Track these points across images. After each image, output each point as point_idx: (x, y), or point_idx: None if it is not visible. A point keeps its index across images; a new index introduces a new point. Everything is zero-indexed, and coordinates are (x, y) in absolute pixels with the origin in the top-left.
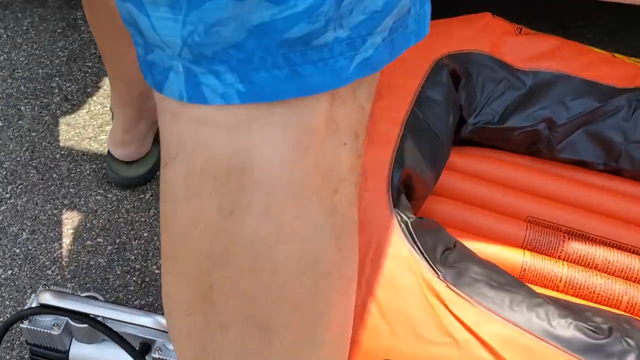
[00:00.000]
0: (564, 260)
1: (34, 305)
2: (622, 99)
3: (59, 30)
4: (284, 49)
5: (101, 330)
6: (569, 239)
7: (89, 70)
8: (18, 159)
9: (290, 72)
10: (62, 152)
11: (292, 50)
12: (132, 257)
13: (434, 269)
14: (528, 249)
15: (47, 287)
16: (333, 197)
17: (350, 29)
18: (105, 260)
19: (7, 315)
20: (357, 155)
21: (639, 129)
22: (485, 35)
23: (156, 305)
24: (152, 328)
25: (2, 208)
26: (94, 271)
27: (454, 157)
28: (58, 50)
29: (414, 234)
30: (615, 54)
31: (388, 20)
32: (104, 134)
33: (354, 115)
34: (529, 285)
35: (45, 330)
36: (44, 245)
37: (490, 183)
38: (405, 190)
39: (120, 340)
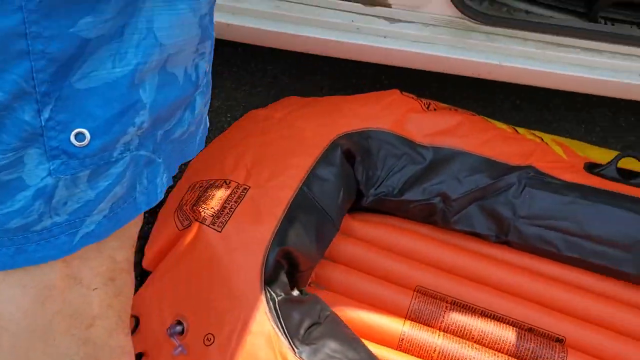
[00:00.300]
0: (443, 330)
1: None
2: (514, 177)
3: None
4: (7, 234)
5: None
6: (451, 309)
7: None
8: None
9: (16, 249)
10: None
11: (15, 235)
12: None
13: (292, 346)
14: (411, 318)
15: None
16: (86, 332)
17: (68, 214)
18: None
19: None
20: (115, 294)
21: (526, 206)
22: (389, 113)
23: None
24: None
25: None
26: None
27: (355, 223)
28: None
29: (279, 311)
30: (519, 129)
31: (104, 204)
32: None
33: (103, 266)
34: (406, 354)
35: None
36: None
37: (385, 251)
38: (289, 265)
39: None
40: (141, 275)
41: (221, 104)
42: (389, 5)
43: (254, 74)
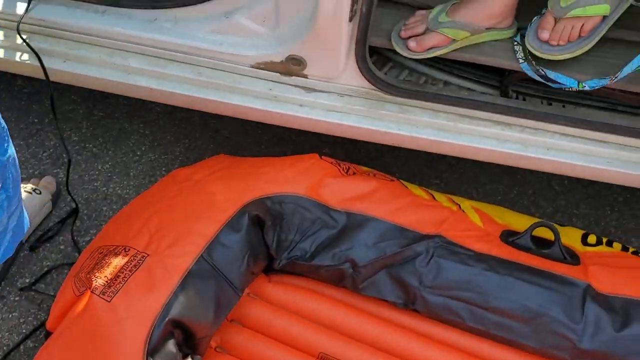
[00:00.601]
0: None
1: None
2: (422, 245)
3: None
4: None
5: None
6: None
7: None
8: None
9: None
10: None
11: None
12: None
13: None
14: None
15: None
16: None
17: None
18: None
19: None
20: None
21: (432, 275)
22: (305, 177)
23: None
24: None
25: None
26: None
27: (270, 285)
28: None
29: None
30: (437, 195)
31: None
32: None
33: None
34: None
35: None
36: None
37: (294, 315)
38: (184, 334)
39: None
40: (47, 335)
41: (158, 157)
42: (305, 76)
43: (195, 128)
